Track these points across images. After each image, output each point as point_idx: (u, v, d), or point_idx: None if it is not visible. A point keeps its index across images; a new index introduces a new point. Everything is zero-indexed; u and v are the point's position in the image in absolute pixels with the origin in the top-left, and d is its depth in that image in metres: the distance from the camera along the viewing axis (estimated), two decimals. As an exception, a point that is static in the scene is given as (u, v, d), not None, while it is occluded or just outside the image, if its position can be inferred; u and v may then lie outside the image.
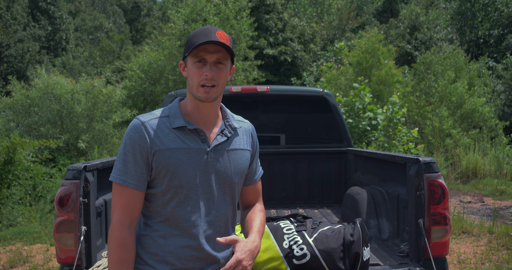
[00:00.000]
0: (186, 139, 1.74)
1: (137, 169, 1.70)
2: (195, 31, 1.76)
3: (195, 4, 15.41)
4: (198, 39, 1.70)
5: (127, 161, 1.70)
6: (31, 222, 7.45)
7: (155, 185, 1.73)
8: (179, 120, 1.75)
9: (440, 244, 2.64)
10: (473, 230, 6.45)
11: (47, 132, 10.02)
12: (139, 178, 1.70)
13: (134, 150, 1.70)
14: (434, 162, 2.68)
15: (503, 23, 24.23)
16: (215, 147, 1.77)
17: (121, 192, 1.71)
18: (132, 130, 1.72)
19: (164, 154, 1.70)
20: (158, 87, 15.04)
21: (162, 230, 1.73)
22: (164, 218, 1.73)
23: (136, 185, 1.70)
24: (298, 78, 23.80)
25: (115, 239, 1.68)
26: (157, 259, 1.73)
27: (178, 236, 1.73)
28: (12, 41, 22.52)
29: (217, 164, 1.77)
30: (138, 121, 1.73)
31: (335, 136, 4.77)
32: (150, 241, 1.75)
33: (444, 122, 13.80)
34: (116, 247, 1.67)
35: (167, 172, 1.71)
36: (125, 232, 1.68)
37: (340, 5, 32.46)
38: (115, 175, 1.72)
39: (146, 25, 35.74)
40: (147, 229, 1.76)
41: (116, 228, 1.68)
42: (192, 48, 1.69)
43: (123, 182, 1.70)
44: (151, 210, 1.76)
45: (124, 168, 1.71)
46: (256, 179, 1.98)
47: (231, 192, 1.83)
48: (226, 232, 1.83)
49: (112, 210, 1.71)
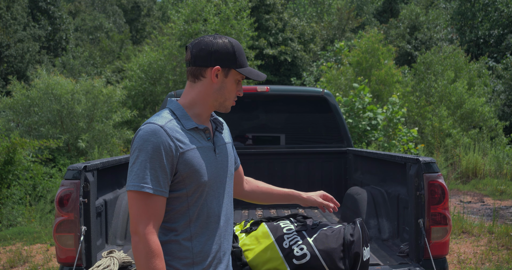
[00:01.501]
0: (199, 139, 1.77)
1: (163, 175, 1.65)
2: (238, 46, 1.80)
3: (195, 4, 15.41)
4: (244, 60, 1.81)
5: (151, 168, 1.63)
6: (31, 222, 7.45)
7: (179, 188, 1.70)
8: (189, 121, 1.76)
9: (440, 244, 2.64)
10: (473, 230, 6.45)
11: (47, 132, 10.02)
12: (165, 184, 1.66)
13: (159, 155, 1.63)
14: (434, 162, 2.68)
15: (503, 23, 24.23)
16: (216, 143, 1.86)
17: (147, 200, 1.63)
18: (152, 135, 1.64)
19: (188, 155, 1.70)
20: (158, 87, 15.04)
21: (188, 232, 1.72)
22: (190, 219, 1.72)
23: (162, 192, 1.65)
24: (298, 78, 23.80)
25: (152, 251, 1.60)
26: (186, 262, 1.71)
27: (202, 235, 1.74)
28: (12, 41, 22.52)
29: (222, 159, 1.85)
30: (156, 125, 1.66)
31: (335, 136, 4.76)
32: (175, 246, 1.71)
33: (444, 122, 13.80)
34: (152, 259, 1.60)
35: (193, 173, 1.70)
36: (158, 242, 1.63)
37: (340, 5, 32.46)
38: (139, 183, 1.62)
39: (146, 25, 35.73)
40: (169, 234, 1.72)
41: (150, 239, 1.61)
42: (247, 75, 1.79)
43: (150, 189, 1.62)
44: (174, 213, 1.72)
45: (148, 176, 1.63)
46: (239, 163, 2.15)
47: (231, 184, 1.93)
48: (231, 222, 1.92)
49: (138, 220, 1.62)
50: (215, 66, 1.74)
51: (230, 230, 1.90)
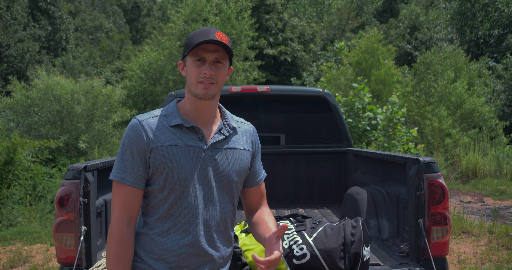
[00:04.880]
0: (183, 137, 1.76)
1: (134, 167, 1.73)
2: (194, 31, 1.79)
3: (195, 4, 15.40)
4: (197, 38, 1.73)
5: (125, 159, 1.74)
6: (31, 222, 7.45)
7: (153, 183, 1.76)
8: (176, 118, 1.78)
9: (440, 244, 2.64)
10: (473, 230, 6.45)
11: (47, 132, 10.02)
12: (136, 175, 1.73)
13: (131, 148, 1.74)
14: (434, 162, 2.68)
15: (503, 23, 24.23)
16: (212, 145, 1.79)
17: (120, 190, 1.74)
18: (130, 129, 1.76)
19: (160, 151, 1.73)
20: (158, 87, 15.04)
21: (159, 228, 1.75)
22: (162, 215, 1.75)
23: (133, 183, 1.73)
24: (298, 78, 23.80)
25: (113, 237, 1.71)
26: (153, 257, 1.74)
27: (175, 234, 1.74)
28: (12, 41, 22.52)
29: (214, 162, 1.79)
30: (136, 120, 1.77)
31: (335, 136, 4.76)
32: (147, 239, 1.76)
33: (444, 122, 13.80)
34: (114, 245, 1.70)
35: (163, 169, 1.73)
36: (123, 230, 1.71)
37: (340, 5, 32.47)
38: (113, 173, 1.76)
39: (146, 25, 35.73)
40: (145, 227, 1.79)
41: (115, 225, 1.71)
42: (192, 47, 1.72)
43: (121, 179, 1.73)
44: (149, 208, 1.78)
45: (122, 166, 1.74)
46: (260, 181, 1.99)
47: (229, 191, 1.84)
48: (225, 231, 1.84)
49: (112, 208, 1.75)
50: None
51: (224, 239, 1.81)
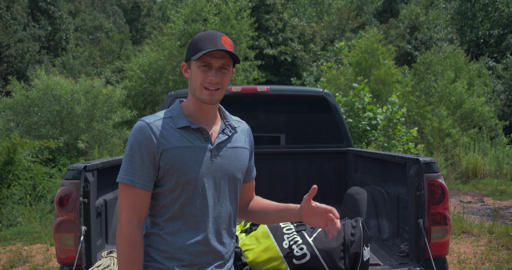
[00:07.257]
0: (190, 138, 1.79)
1: (143, 169, 1.74)
2: (200, 35, 1.80)
3: (195, 4, 15.40)
4: (204, 44, 1.76)
5: (134, 162, 1.74)
6: (31, 222, 7.45)
7: (163, 184, 1.78)
8: (183, 120, 1.81)
9: (440, 244, 2.64)
10: (473, 230, 6.45)
11: (47, 132, 10.02)
12: (145, 178, 1.75)
13: (140, 150, 1.74)
14: (434, 162, 2.68)
15: (503, 23, 24.23)
16: (218, 145, 1.84)
17: (129, 192, 1.75)
18: (138, 132, 1.76)
19: (171, 153, 1.75)
20: (158, 87, 15.05)
21: (170, 228, 1.78)
22: (172, 215, 1.78)
23: (143, 185, 1.74)
24: (298, 78, 23.80)
25: (124, 239, 1.71)
26: (165, 256, 1.77)
27: (186, 232, 1.77)
28: (12, 41, 22.52)
29: (221, 161, 1.83)
30: (143, 122, 1.77)
31: (335, 136, 4.76)
32: (158, 239, 1.78)
33: (444, 122, 13.80)
34: (126, 247, 1.71)
35: (175, 170, 1.75)
36: (134, 231, 1.73)
37: (340, 5, 32.47)
38: (122, 176, 1.76)
39: (146, 25, 35.74)
40: (154, 227, 1.80)
41: (125, 227, 1.72)
42: (201, 55, 1.74)
43: (131, 182, 1.74)
44: (159, 208, 1.80)
45: (131, 169, 1.75)
46: (253, 177, 2.08)
47: (234, 188, 1.89)
48: (229, 227, 1.88)
49: (120, 210, 1.75)
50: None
51: (229, 235, 1.87)
